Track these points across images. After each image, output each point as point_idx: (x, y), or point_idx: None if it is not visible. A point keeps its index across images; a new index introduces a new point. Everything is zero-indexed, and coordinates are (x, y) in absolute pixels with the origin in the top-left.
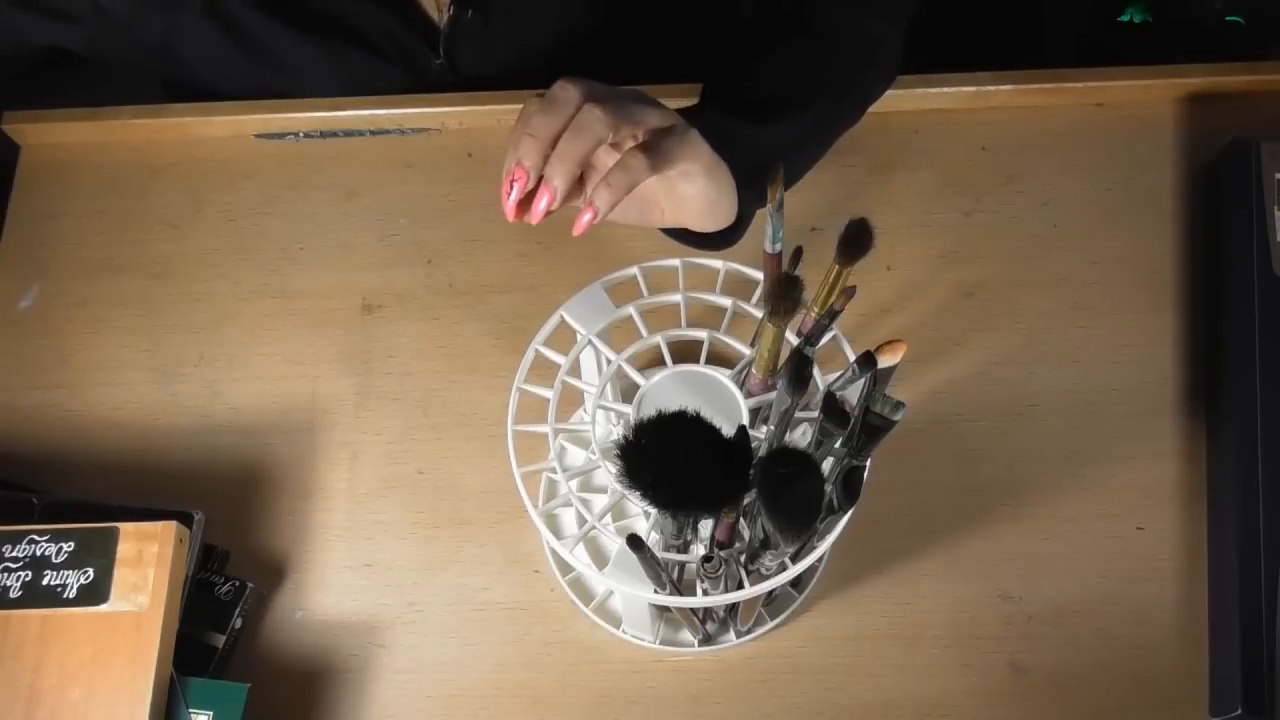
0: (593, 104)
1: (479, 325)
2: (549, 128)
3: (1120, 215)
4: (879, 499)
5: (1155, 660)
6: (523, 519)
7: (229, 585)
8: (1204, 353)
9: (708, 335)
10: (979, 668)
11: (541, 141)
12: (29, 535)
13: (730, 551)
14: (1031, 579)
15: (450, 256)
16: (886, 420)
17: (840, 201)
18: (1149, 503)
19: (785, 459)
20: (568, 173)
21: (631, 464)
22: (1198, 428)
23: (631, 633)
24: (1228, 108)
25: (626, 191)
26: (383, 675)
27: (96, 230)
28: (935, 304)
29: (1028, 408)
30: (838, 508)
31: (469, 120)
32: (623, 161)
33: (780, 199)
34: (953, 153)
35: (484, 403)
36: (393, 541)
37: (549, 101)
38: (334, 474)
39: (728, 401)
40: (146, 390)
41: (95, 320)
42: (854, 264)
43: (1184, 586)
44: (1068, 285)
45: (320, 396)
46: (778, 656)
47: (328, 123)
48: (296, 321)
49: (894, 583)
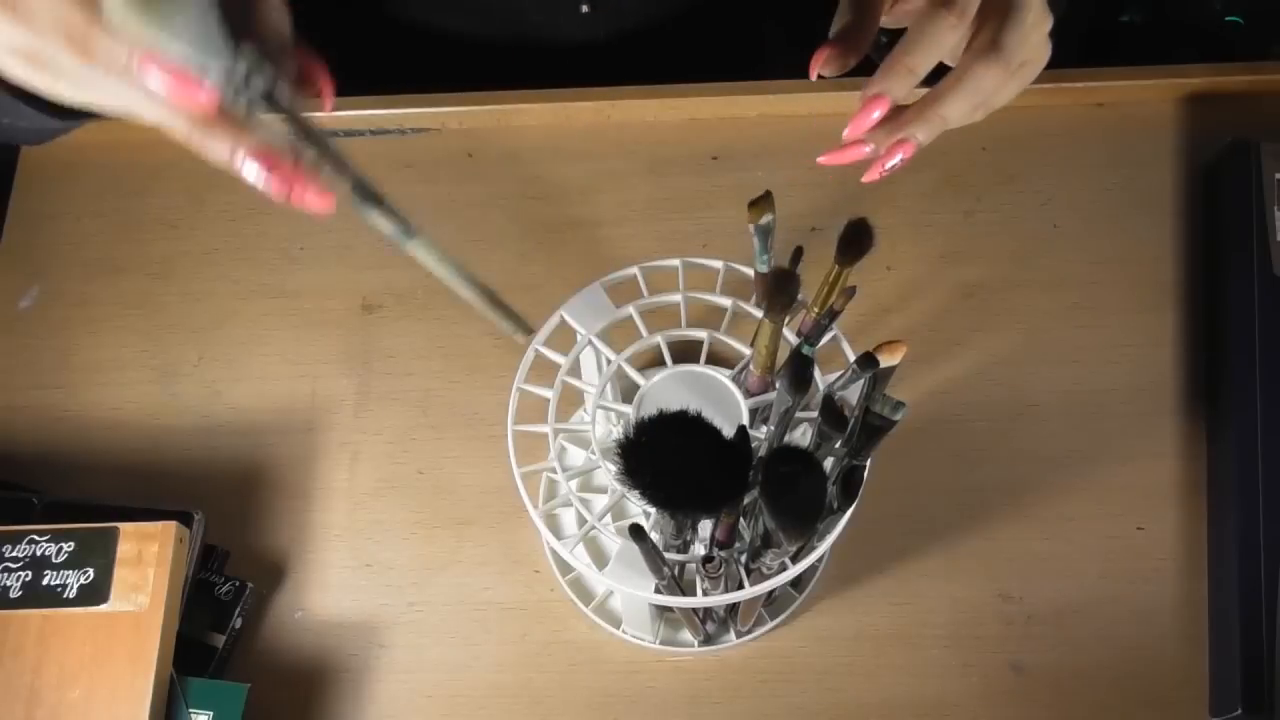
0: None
1: (479, 325)
2: (929, 59)
3: (1120, 215)
4: (879, 499)
5: (1155, 660)
6: (523, 519)
7: (229, 585)
8: (1204, 353)
9: (708, 335)
10: (979, 668)
11: (917, 75)
12: (29, 535)
13: (730, 551)
14: (1031, 579)
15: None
16: (886, 420)
17: (840, 201)
18: (1149, 503)
19: (787, 458)
20: (932, 131)
21: (631, 463)
22: (1198, 428)
23: (631, 633)
24: (1228, 108)
25: (968, 116)
26: (383, 675)
27: (96, 230)
28: (935, 304)
29: (1028, 408)
30: (837, 508)
31: (469, 120)
32: (970, 76)
33: (769, 222)
34: (953, 153)
35: (484, 403)
36: (393, 541)
37: (961, 15)
38: (334, 474)
39: (728, 401)
40: (146, 390)
41: (95, 320)
42: (854, 264)
43: (1184, 586)
44: (1068, 285)
45: (320, 396)
46: (778, 656)
47: (327, 122)
48: (296, 321)
49: (894, 583)
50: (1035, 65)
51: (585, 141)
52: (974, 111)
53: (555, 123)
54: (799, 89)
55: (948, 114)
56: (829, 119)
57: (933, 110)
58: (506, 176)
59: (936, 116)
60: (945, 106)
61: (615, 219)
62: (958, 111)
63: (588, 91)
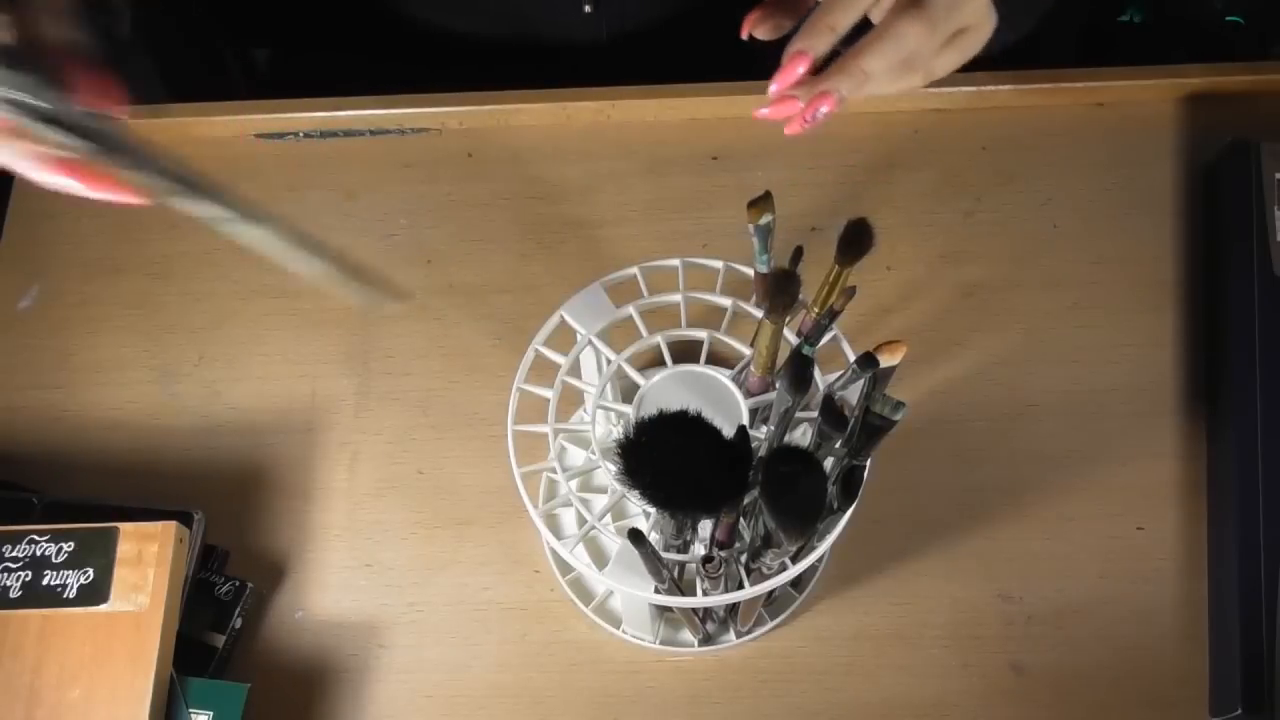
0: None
1: (479, 325)
2: (847, 17)
3: (1120, 215)
4: (879, 499)
5: (1155, 660)
6: (523, 519)
7: (229, 585)
8: (1204, 353)
9: (708, 335)
10: (979, 668)
11: (838, 32)
12: (29, 535)
13: (730, 551)
14: (1031, 579)
15: (450, 256)
16: (886, 420)
17: (840, 201)
18: (1149, 503)
19: (787, 458)
20: (855, 86)
21: (631, 463)
22: (1198, 428)
23: (631, 633)
24: (1228, 108)
25: (894, 73)
26: (383, 675)
27: (96, 230)
28: (935, 304)
29: (1028, 408)
30: (837, 508)
31: (469, 120)
32: (892, 31)
33: (769, 222)
34: (953, 153)
35: (484, 403)
36: (393, 541)
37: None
38: (334, 474)
39: (728, 401)
40: (146, 390)
41: (95, 320)
42: (854, 264)
43: (1184, 586)
44: (1068, 285)
45: (320, 396)
46: (778, 656)
47: (328, 123)
48: (296, 321)
49: (894, 583)
50: (978, 32)
51: (585, 141)
52: (903, 71)
53: (555, 123)
54: None
55: (868, 67)
56: (829, 118)
57: (854, 64)
58: (506, 176)
59: (858, 70)
60: (865, 60)
61: (615, 219)
62: (879, 65)
63: (588, 91)
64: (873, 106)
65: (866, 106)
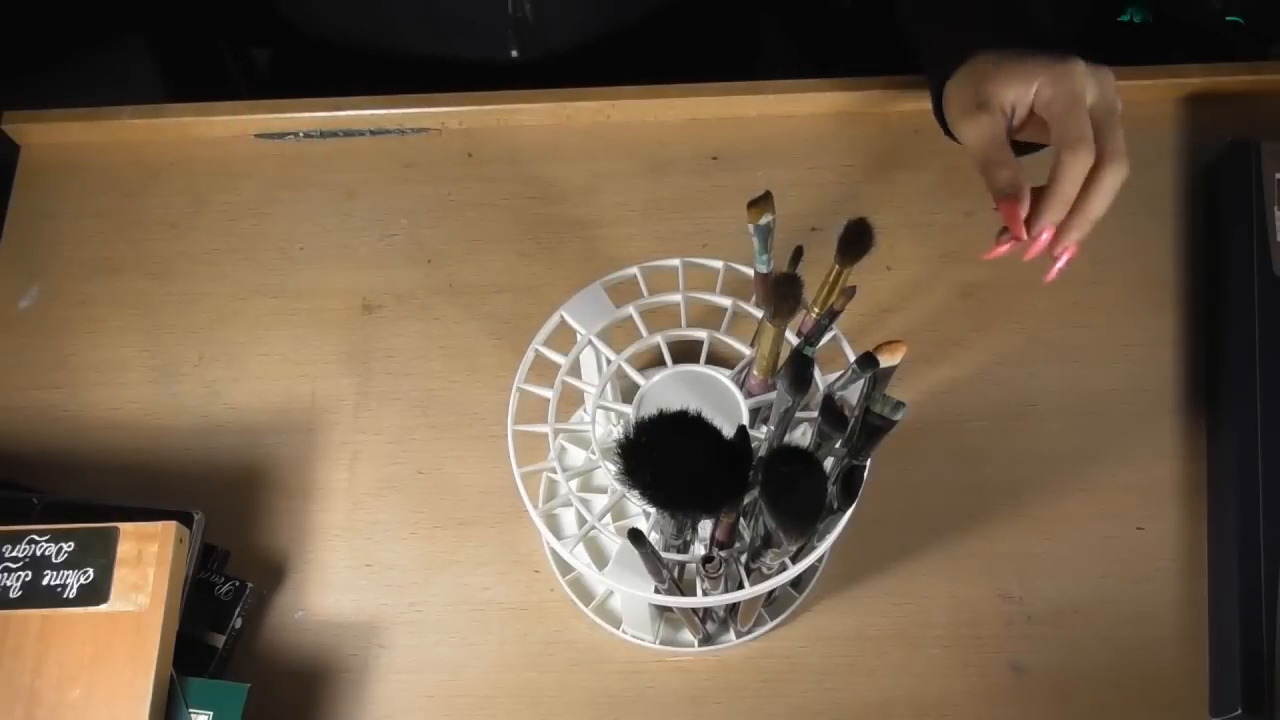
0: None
1: (479, 325)
2: (1074, 189)
3: (1120, 215)
4: (879, 499)
5: (1155, 660)
6: (523, 519)
7: (229, 585)
8: (1204, 353)
9: (708, 335)
10: (979, 668)
11: (1069, 203)
12: (29, 535)
13: (730, 551)
14: (1031, 579)
15: (450, 256)
16: (886, 420)
17: (840, 201)
18: (1149, 503)
19: (787, 458)
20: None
21: (631, 463)
22: (1198, 428)
23: (631, 633)
24: (1228, 108)
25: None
26: (383, 675)
27: (96, 230)
28: (935, 304)
29: (1028, 408)
30: (837, 508)
31: (469, 120)
32: (1108, 186)
33: (769, 222)
34: (953, 153)
35: (484, 403)
36: (393, 541)
37: (1089, 150)
38: (334, 474)
39: (728, 401)
40: (146, 390)
41: (95, 320)
42: (854, 264)
43: (1184, 586)
44: (1068, 285)
45: (320, 396)
46: (778, 656)
47: (327, 122)
48: (296, 321)
49: (894, 583)
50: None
51: (585, 141)
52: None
53: (555, 123)
54: (799, 89)
55: (1095, 215)
56: (829, 119)
57: (1084, 219)
58: (506, 176)
59: (1088, 222)
60: (1093, 211)
61: (615, 219)
62: (1102, 210)
63: (588, 91)
64: (873, 106)
65: (867, 107)
